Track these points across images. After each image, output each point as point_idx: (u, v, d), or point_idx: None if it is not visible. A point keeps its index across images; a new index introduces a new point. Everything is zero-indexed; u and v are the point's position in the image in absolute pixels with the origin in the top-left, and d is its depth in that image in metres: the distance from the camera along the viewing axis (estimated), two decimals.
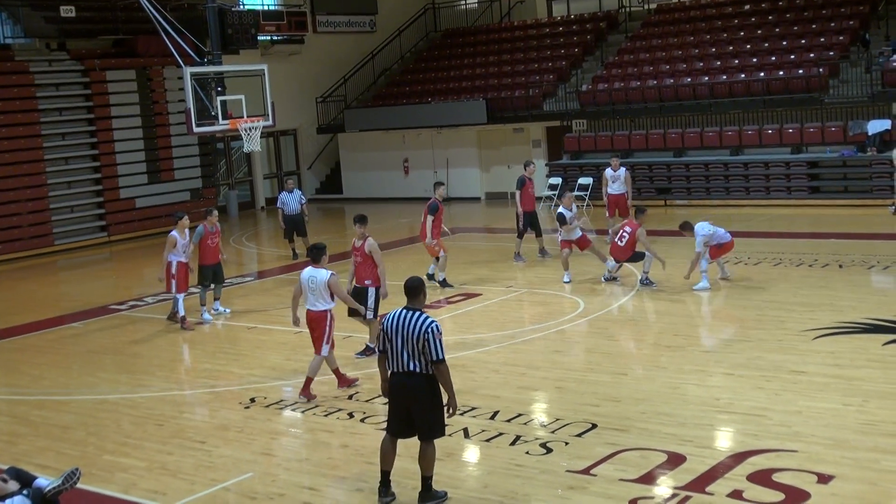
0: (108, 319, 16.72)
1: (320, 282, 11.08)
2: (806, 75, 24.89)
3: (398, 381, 7.99)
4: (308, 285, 11.16)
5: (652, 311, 14.35)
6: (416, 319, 7.87)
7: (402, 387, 7.97)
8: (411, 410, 7.98)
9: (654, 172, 26.30)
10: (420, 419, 7.97)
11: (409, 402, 7.97)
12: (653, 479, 8.26)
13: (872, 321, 12.77)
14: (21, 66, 26.11)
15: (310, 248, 11.66)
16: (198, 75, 19.25)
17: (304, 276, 11.23)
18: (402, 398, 7.99)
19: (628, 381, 11.18)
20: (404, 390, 7.96)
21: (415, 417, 7.98)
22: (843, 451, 8.53)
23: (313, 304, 11.17)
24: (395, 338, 7.91)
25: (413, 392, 7.92)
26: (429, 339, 7.79)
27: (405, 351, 7.87)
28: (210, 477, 9.10)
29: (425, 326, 7.82)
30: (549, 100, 29.46)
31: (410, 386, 7.92)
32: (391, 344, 7.95)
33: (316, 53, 33.39)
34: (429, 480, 8.09)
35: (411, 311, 7.99)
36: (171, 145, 28.56)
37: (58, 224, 26.20)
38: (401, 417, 8.06)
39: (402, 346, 7.88)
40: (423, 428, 8.00)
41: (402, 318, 7.94)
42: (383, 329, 8.03)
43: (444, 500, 8.12)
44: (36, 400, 12.16)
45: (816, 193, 24.19)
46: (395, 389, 8.03)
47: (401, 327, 7.89)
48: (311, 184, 34.24)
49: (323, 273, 11.13)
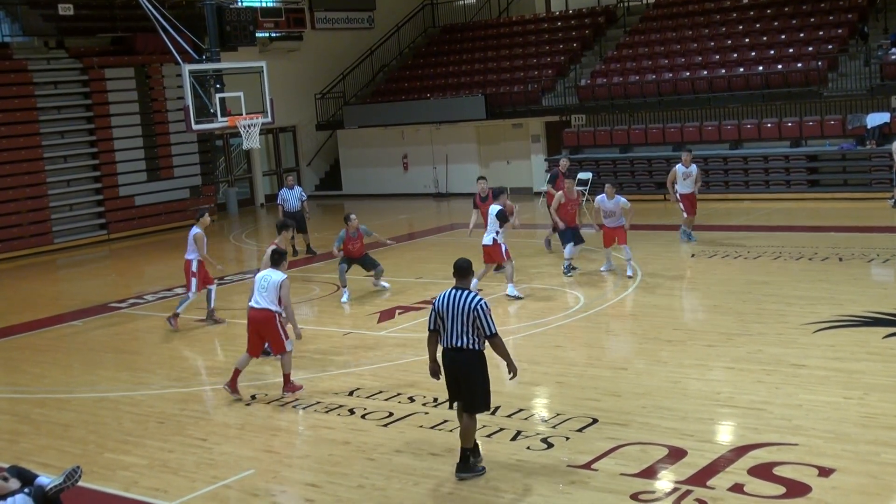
0: (109, 317, 16.73)
1: (272, 283, 11.06)
2: (805, 69, 24.87)
3: (449, 356, 8.48)
4: (259, 284, 11.12)
5: (652, 306, 14.35)
6: (466, 297, 8.37)
7: (452, 361, 8.47)
8: (459, 385, 8.51)
9: (653, 167, 26.29)
10: (466, 392, 8.47)
11: (458, 376, 8.48)
12: (654, 474, 8.27)
13: (873, 314, 12.78)
14: (19, 65, 26.09)
15: (272, 251, 11.62)
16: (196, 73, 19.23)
17: (258, 276, 11.25)
18: (453, 372, 8.49)
19: (629, 375, 11.18)
20: (454, 365, 8.46)
21: (463, 391, 8.49)
22: (843, 445, 8.54)
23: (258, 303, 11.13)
24: (447, 315, 8.38)
25: (462, 366, 8.42)
26: (479, 316, 8.30)
27: (455, 328, 8.35)
28: (211, 474, 9.11)
29: (474, 304, 8.32)
30: (548, 95, 29.44)
31: (459, 360, 8.42)
32: (443, 322, 8.42)
33: (314, 50, 33.36)
34: (467, 452, 8.51)
35: (460, 290, 8.47)
36: (170, 143, 28.53)
37: (57, 222, 26.19)
38: (452, 389, 8.59)
39: (453, 323, 8.36)
40: (467, 400, 8.49)
41: (452, 297, 8.42)
42: (435, 308, 8.49)
43: (482, 475, 8.46)
44: (37, 398, 12.16)
45: (816, 187, 24.20)
46: (447, 364, 8.52)
47: (452, 305, 8.37)
48: (310, 180, 34.24)
49: (278, 275, 11.14)
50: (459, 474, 8.46)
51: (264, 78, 19.98)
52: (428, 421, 10.00)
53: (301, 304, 16.09)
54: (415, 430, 9.78)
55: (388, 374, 11.80)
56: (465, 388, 8.47)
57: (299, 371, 12.35)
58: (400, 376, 11.71)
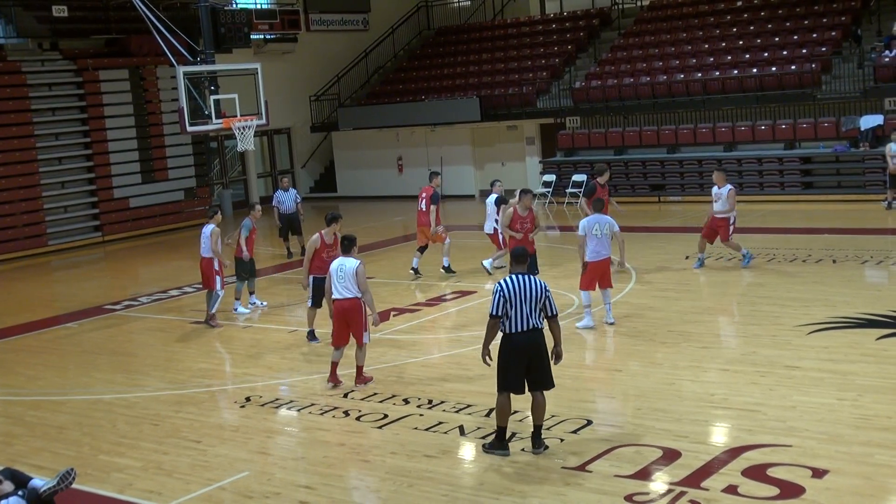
0: (103, 319, 16.71)
1: (349, 271, 11.10)
2: (798, 71, 24.92)
3: (524, 338, 8.75)
4: (336, 274, 11.17)
5: (646, 308, 14.37)
6: (534, 281, 8.84)
7: (528, 342, 8.76)
8: (531, 365, 8.79)
9: (647, 169, 26.33)
10: (540, 371, 8.85)
11: (531, 356, 8.78)
12: (648, 475, 8.28)
13: (866, 316, 12.81)
14: (13, 66, 26.05)
15: (342, 238, 11.67)
16: (191, 74, 19.24)
17: (333, 266, 11.31)
18: (525, 353, 8.76)
19: (623, 377, 11.20)
20: (530, 345, 8.77)
21: (533, 370, 8.81)
22: (837, 446, 8.56)
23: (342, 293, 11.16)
24: (518, 300, 8.70)
25: (537, 346, 8.79)
26: (549, 297, 8.84)
27: (528, 310, 8.73)
28: (206, 476, 9.10)
29: (543, 286, 8.87)
30: (543, 97, 29.47)
31: (535, 340, 8.78)
32: (514, 307, 8.71)
33: (309, 52, 33.35)
34: (540, 429, 8.95)
35: (521, 275, 8.86)
36: (164, 144, 28.48)
37: (52, 224, 26.14)
38: (518, 373, 8.81)
39: (527, 305, 8.73)
40: (541, 378, 8.87)
41: (521, 281, 8.79)
42: (503, 295, 8.73)
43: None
44: (31, 400, 12.14)
45: (810, 189, 24.24)
46: (520, 346, 8.75)
47: (522, 289, 8.74)
48: (305, 182, 34.22)
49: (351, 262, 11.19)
50: (536, 449, 8.87)
51: (259, 80, 20.00)
52: (423, 423, 10.00)
53: (296, 307, 16.09)
54: (409, 432, 9.79)
55: (382, 376, 11.80)
56: (539, 366, 8.81)
57: (293, 373, 12.36)
58: (395, 378, 11.72)
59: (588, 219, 13.42)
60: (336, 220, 13.37)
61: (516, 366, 8.80)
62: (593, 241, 13.16)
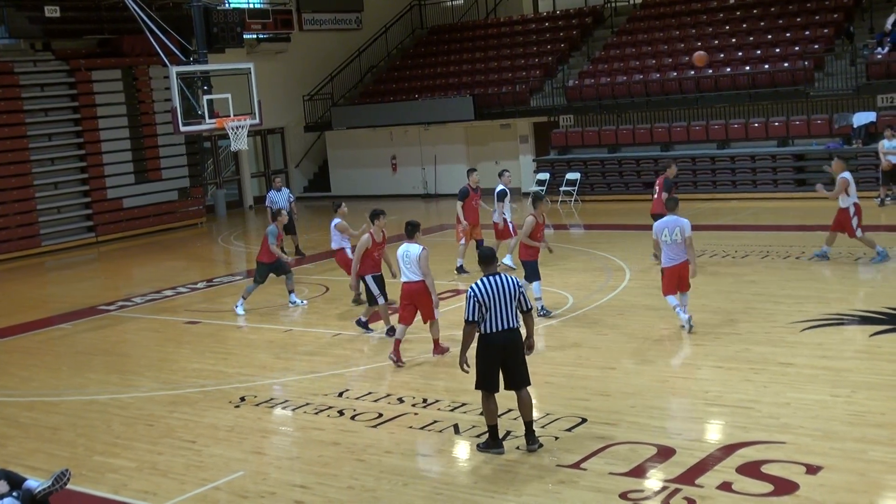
0: (97, 320, 16.68)
1: (413, 256, 11.83)
2: (791, 68, 24.96)
3: (503, 337, 8.79)
4: (402, 259, 11.96)
5: (640, 305, 14.38)
6: (507, 280, 8.85)
7: (507, 341, 8.81)
8: (506, 363, 8.85)
9: (641, 167, 26.34)
10: (517, 369, 8.90)
11: (508, 355, 8.83)
12: (643, 473, 8.29)
13: (860, 313, 12.84)
14: (6, 67, 25.98)
15: (406, 224, 12.24)
16: (184, 74, 19.21)
17: (399, 251, 12.07)
18: (502, 352, 8.81)
19: (617, 375, 11.21)
20: (511, 345, 8.83)
21: (510, 369, 8.86)
22: (831, 442, 8.58)
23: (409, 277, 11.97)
24: (496, 300, 8.71)
25: (516, 344, 8.86)
26: (523, 293, 8.90)
27: (505, 310, 8.76)
28: (201, 476, 9.10)
29: (516, 283, 8.87)
30: (536, 95, 29.49)
31: (514, 339, 8.84)
32: (491, 308, 8.72)
33: (302, 51, 33.33)
34: (532, 425, 8.97)
35: (495, 275, 8.86)
36: (157, 145, 28.45)
37: (45, 225, 26.10)
38: (494, 372, 8.85)
39: (504, 305, 8.75)
40: (519, 377, 8.91)
41: (494, 282, 8.78)
42: (478, 299, 8.72)
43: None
44: (25, 401, 12.13)
45: (803, 186, 24.26)
46: (498, 346, 8.79)
47: (496, 290, 8.74)
48: (299, 182, 34.21)
49: (415, 248, 11.89)
50: (531, 446, 8.89)
51: (252, 79, 19.97)
52: (418, 422, 10.01)
53: (292, 308, 16.07)
54: (404, 431, 9.79)
55: (377, 375, 11.81)
56: (515, 365, 8.86)
57: (287, 373, 12.36)
58: (389, 377, 11.72)
59: (659, 222, 12.76)
60: (380, 216, 13.68)
61: (492, 365, 8.84)
62: (665, 246, 12.66)
